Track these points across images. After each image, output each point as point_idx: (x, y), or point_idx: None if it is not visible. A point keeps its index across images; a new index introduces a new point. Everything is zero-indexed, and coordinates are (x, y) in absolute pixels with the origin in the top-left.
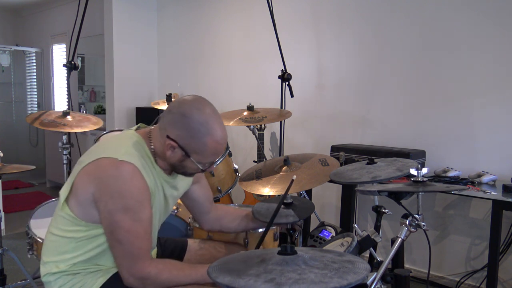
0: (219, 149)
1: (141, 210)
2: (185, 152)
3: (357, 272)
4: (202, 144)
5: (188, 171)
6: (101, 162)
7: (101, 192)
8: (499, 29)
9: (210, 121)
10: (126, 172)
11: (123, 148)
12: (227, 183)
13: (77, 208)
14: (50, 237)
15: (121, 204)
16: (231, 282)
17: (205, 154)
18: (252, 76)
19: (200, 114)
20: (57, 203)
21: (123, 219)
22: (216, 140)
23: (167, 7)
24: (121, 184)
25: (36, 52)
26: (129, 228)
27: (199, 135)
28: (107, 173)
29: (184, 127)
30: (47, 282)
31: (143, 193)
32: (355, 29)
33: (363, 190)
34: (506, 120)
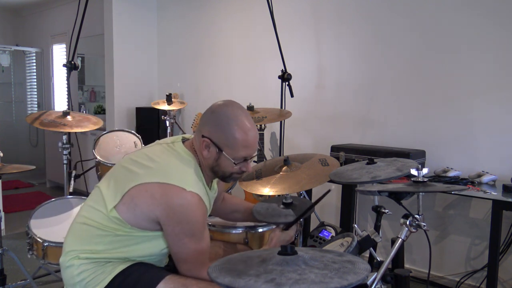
0: (249, 142)
1: (204, 230)
2: (218, 147)
3: (357, 272)
4: (232, 136)
5: (226, 171)
6: (168, 189)
7: (169, 218)
8: (499, 29)
9: (239, 115)
10: (194, 203)
11: (189, 177)
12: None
13: (127, 215)
14: (82, 227)
15: (188, 229)
16: (231, 282)
17: (236, 146)
18: (252, 76)
19: (228, 109)
20: (57, 202)
21: (190, 241)
22: (245, 131)
23: (167, 7)
24: (189, 213)
25: (36, 52)
26: (195, 248)
27: (228, 127)
28: (176, 202)
29: (214, 122)
30: (69, 266)
31: (205, 217)
32: (355, 29)
33: (363, 190)
34: (506, 120)
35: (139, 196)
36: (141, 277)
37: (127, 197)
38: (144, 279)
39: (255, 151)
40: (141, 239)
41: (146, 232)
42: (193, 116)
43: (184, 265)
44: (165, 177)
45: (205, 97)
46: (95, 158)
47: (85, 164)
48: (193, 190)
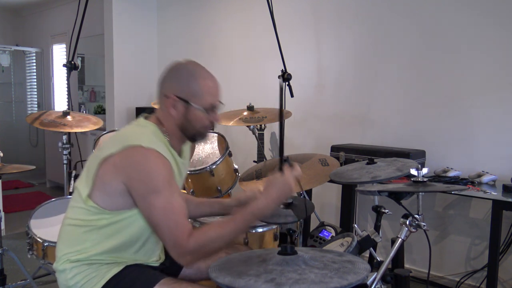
0: (213, 88)
1: (170, 187)
2: (184, 100)
3: (357, 272)
4: (196, 85)
5: (197, 125)
6: (126, 152)
7: (132, 179)
8: (499, 29)
9: (197, 66)
10: (152, 157)
11: (145, 137)
12: (227, 183)
13: (102, 199)
14: (68, 228)
15: (151, 186)
16: (232, 282)
17: (202, 94)
18: (252, 76)
19: (185, 63)
20: (57, 202)
21: (156, 199)
22: (206, 78)
23: (167, 7)
24: (149, 168)
25: (36, 52)
26: (163, 206)
27: (190, 78)
28: (135, 160)
29: (176, 78)
30: (62, 270)
31: (170, 173)
32: (355, 29)
33: (363, 190)
34: (506, 120)
35: (105, 172)
36: (136, 280)
37: (97, 180)
38: (139, 282)
39: (219, 99)
40: (124, 224)
41: (126, 212)
42: None
43: (161, 234)
44: (122, 143)
45: None
46: None
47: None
48: (150, 146)
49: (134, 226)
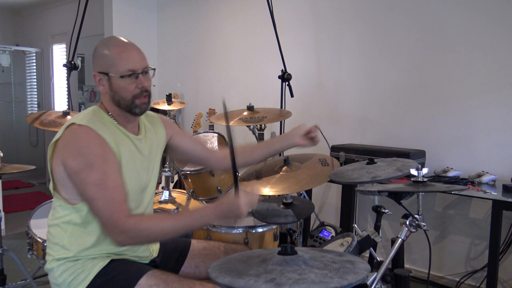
0: (124, 52)
1: (104, 163)
2: (104, 73)
3: (357, 272)
4: (106, 55)
5: (125, 96)
6: (64, 133)
7: (66, 158)
8: (499, 29)
9: (111, 39)
10: (82, 133)
11: (81, 116)
12: (227, 183)
13: (63, 192)
14: (50, 229)
15: (83, 162)
16: (231, 282)
17: (115, 61)
18: (252, 76)
19: (103, 41)
20: None
21: (88, 174)
22: (116, 44)
23: (167, 7)
24: (79, 143)
25: (36, 52)
26: (96, 181)
27: (103, 49)
28: (68, 138)
29: (94, 54)
30: (50, 269)
31: (103, 148)
32: (355, 29)
33: (363, 190)
34: (506, 120)
35: (53, 164)
36: (123, 272)
37: (53, 174)
38: (126, 274)
39: (141, 64)
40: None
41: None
42: (193, 116)
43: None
44: (61, 131)
45: (205, 97)
46: None
47: None
48: (81, 123)
49: None
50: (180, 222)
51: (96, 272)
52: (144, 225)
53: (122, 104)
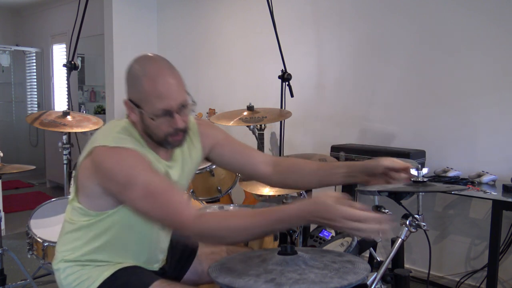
0: (160, 90)
1: (143, 171)
2: (136, 105)
3: (357, 272)
4: (141, 89)
5: (157, 132)
6: (93, 154)
7: (104, 181)
8: (499, 29)
9: (147, 64)
10: (116, 153)
11: (111, 135)
12: (227, 183)
13: (85, 201)
14: (65, 225)
15: (122, 181)
16: (231, 282)
17: (149, 99)
18: (252, 76)
19: (137, 61)
20: (57, 202)
21: (133, 190)
22: (152, 79)
23: (167, 7)
24: (112, 164)
25: (36, 52)
26: (143, 194)
27: (137, 80)
28: (100, 160)
29: (128, 80)
30: (56, 270)
31: (136, 157)
32: (355, 29)
33: (363, 190)
34: (506, 120)
35: (82, 176)
36: (128, 282)
37: (78, 184)
38: (131, 285)
39: (178, 101)
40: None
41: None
42: (193, 116)
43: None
44: (90, 146)
45: (205, 97)
46: None
47: None
48: (116, 145)
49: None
50: (260, 223)
51: (102, 280)
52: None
53: (153, 138)
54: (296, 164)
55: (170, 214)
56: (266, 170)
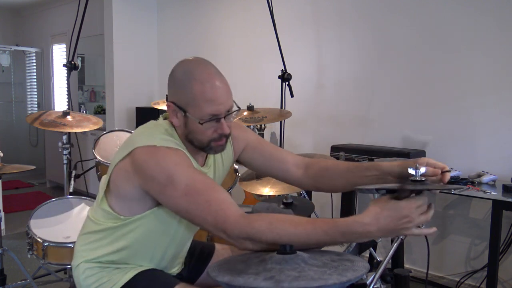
0: (210, 94)
1: (186, 168)
2: (181, 109)
3: (356, 270)
4: (190, 91)
5: (200, 137)
6: (136, 153)
7: (146, 180)
8: (500, 30)
9: (196, 67)
10: (160, 152)
11: (154, 136)
12: (227, 183)
13: (117, 204)
14: (89, 224)
15: (164, 178)
16: (231, 280)
17: (197, 102)
18: (252, 76)
19: (183, 64)
20: (57, 202)
21: (174, 187)
22: (203, 82)
23: (167, 7)
24: (156, 161)
25: (36, 52)
26: (185, 191)
27: (185, 82)
28: (143, 159)
29: (173, 82)
30: (75, 267)
31: (179, 155)
32: (355, 29)
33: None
34: (506, 120)
35: (117, 177)
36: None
37: (111, 185)
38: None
39: (226, 106)
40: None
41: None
42: None
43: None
44: (131, 147)
45: None
46: (95, 158)
47: (85, 164)
48: (163, 145)
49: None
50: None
51: (123, 283)
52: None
53: (195, 143)
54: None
55: (212, 212)
56: (297, 174)
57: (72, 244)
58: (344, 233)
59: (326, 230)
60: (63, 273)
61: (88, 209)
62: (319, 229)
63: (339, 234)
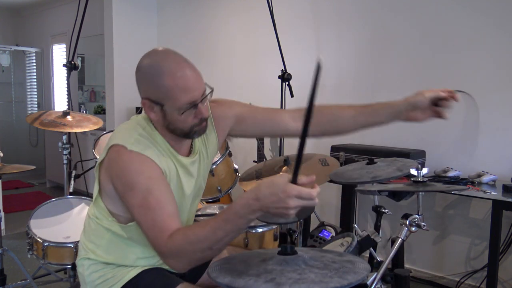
0: (183, 83)
1: (147, 180)
2: (158, 103)
3: (357, 272)
4: (162, 86)
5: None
6: (110, 152)
7: (113, 178)
8: (500, 30)
9: (161, 60)
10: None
11: (133, 135)
12: (227, 183)
13: (109, 203)
14: (91, 222)
15: (127, 183)
16: (231, 282)
17: (173, 94)
18: (252, 76)
19: (148, 59)
20: (57, 202)
21: (131, 196)
22: (173, 73)
23: (167, 7)
24: (124, 164)
25: (36, 52)
26: (139, 203)
27: (154, 78)
28: (113, 158)
29: (143, 78)
30: (80, 265)
31: (146, 165)
32: (355, 28)
33: (363, 189)
34: (506, 120)
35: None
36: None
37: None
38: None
39: (200, 91)
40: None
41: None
42: None
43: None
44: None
45: None
46: (95, 158)
47: (85, 164)
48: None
49: None
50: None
51: (126, 280)
52: (182, 241)
53: (177, 133)
54: (333, 114)
55: (153, 232)
56: (297, 127)
57: (72, 244)
58: (237, 212)
59: (224, 218)
60: (63, 273)
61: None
62: (219, 220)
63: (234, 216)
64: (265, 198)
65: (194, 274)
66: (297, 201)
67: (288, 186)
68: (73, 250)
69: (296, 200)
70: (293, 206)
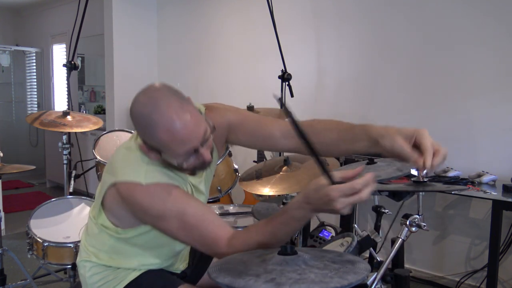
0: (179, 136)
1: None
2: (156, 150)
3: (357, 272)
4: (158, 139)
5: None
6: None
7: (136, 212)
8: (500, 29)
9: (152, 112)
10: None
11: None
12: (227, 183)
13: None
14: (94, 227)
15: (156, 213)
16: (231, 282)
17: (169, 148)
18: (252, 76)
19: (139, 108)
20: (57, 202)
21: (168, 223)
22: (168, 128)
23: (167, 7)
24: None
25: (36, 52)
26: (177, 228)
27: (149, 130)
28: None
29: (137, 125)
30: (82, 266)
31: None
32: (355, 28)
33: None
34: (506, 120)
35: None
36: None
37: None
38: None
39: (198, 137)
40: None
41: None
42: None
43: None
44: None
45: (205, 97)
46: (95, 158)
47: (85, 164)
48: (150, 182)
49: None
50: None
51: (127, 282)
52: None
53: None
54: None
55: (205, 245)
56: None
57: (72, 244)
58: (293, 216)
59: (282, 221)
60: (63, 273)
61: (89, 210)
62: (277, 223)
63: (291, 219)
64: (315, 201)
65: (195, 275)
66: (342, 201)
67: (329, 190)
68: (73, 250)
69: (341, 201)
70: (340, 208)
